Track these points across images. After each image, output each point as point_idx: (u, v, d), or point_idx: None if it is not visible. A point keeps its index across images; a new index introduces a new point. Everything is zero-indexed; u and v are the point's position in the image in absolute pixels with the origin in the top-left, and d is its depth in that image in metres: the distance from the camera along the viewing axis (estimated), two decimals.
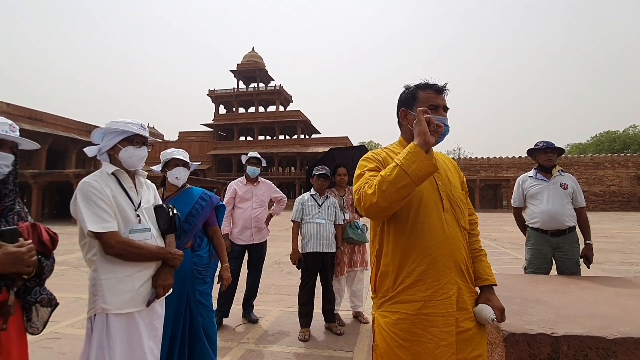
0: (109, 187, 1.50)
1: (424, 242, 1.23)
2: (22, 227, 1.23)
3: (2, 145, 1.23)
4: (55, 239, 1.35)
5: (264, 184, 3.88)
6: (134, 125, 1.57)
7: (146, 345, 1.50)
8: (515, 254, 8.09)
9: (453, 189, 1.35)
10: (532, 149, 3.13)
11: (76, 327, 3.47)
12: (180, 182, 2.33)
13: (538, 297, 2.03)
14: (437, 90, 1.33)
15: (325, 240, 3.26)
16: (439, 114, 1.31)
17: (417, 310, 1.20)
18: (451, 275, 1.24)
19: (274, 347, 3.00)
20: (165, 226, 1.65)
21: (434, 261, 1.22)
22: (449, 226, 1.27)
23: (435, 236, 1.24)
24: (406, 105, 1.38)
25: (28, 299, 1.25)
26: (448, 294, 1.22)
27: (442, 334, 1.18)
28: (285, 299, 4.46)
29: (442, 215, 1.27)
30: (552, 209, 2.93)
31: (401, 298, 1.23)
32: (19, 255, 1.12)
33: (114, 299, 1.43)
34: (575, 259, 2.93)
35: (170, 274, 1.59)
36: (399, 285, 1.24)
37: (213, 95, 45.25)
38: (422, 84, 1.35)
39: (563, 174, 3.07)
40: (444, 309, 1.20)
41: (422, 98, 1.33)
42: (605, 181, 35.11)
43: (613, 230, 13.97)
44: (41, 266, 1.25)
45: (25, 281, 1.22)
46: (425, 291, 1.21)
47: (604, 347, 1.44)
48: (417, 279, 1.22)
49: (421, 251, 1.23)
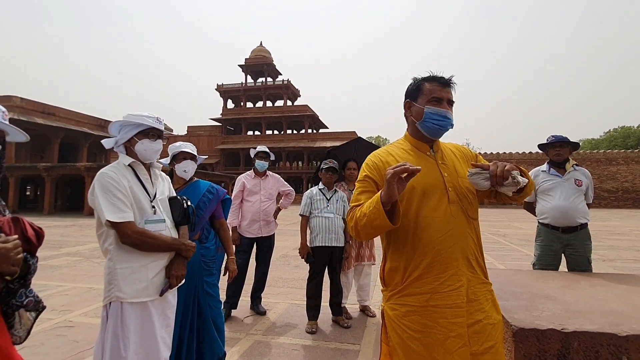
0: (126, 178, 1.53)
1: (429, 236, 1.24)
2: (3, 221, 1.06)
3: None
4: (41, 234, 1.17)
5: (272, 177, 3.90)
6: (150, 118, 1.59)
7: (159, 334, 1.53)
8: (524, 251, 8.01)
9: (460, 179, 1.33)
10: (543, 144, 3.07)
11: (89, 316, 3.56)
12: (189, 175, 2.36)
13: (548, 292, 2.02)
14: (442, 83, 1.32)
15: (333, 234, 3.27)
16: (442, 106, 1.31)
17: (425, 302, 1.22)
18: (458, 267, 1.23)
19: (281, 338, 3.04)
20: (180, 217, 1.68)
21: (439, 253, 1.23)
22: (455, 218, 1.26)
23: (440, 229, 1.24)
24: (411, 97, 1.38)
25: (12, 303, 1.05)
26: (455, 286, 1.22)
27: (450, 324, 1.19)
28: (293, 292, 4.50)
29: (447, 207, 1.27)
30: (564, 205, 2.88)
31: (409, 291, 1.25)
32: (4, 252, 0.93)
33: (128, 288, 1.47)
34: (587, 256, 2.89)
35: (183, 264, 1.62)
36: (407, 279, 1.26)
37: (221, 89, 45.36)
38: (428, 76, 1.35)
39: (577, 169, 3.00)
40: (451, 300, 1.20)
41: (427, 90, 1.33)
42: (619, 178, 34.34)
43: (626, 228, 13.71)
44: (27, 265, 1.07)
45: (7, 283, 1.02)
46: (432, 283, 1.22)
47: (616, 344, 1.42)
48: (423, 271, 1.23)
49: (426, 244, 1.24)
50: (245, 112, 44.64)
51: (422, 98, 1.34)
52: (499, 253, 7.67)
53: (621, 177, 34.38)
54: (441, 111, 1.30)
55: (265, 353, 2.76)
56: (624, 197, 33.79)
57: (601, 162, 34.81)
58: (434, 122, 1.31)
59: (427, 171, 1.29)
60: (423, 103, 1.33)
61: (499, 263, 6.59)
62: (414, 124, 1.38)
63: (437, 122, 1.31)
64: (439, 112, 1.30)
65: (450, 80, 1.34)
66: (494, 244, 9.04)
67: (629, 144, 48.87)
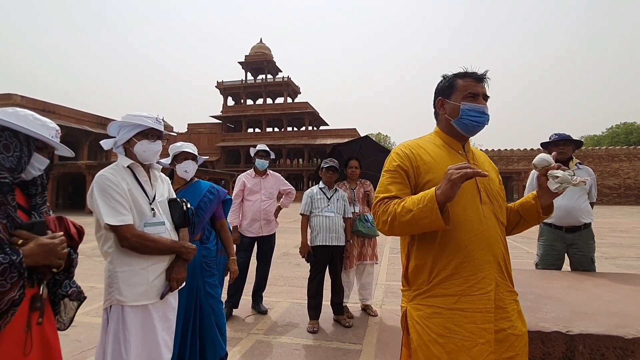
0: (125, 180, 1.51)
1: (460, 235, 1.18)
2: (49, 220, 1.22)
3: (43, 148, 1.22)
4: (82, 232, 1.35)
5: (272, 176, 3.88)
6: (149, 118, 1.57)
7: (160, 336, 1.52)
8: (527, 248, 7.99)
9: (491, 182, 1.31)
10: (546, 142, 3.04)
11: (91, 316, 3.56)
12: (190, 176, 2.34)
13: (552, 293, 2.00)
14: (476, 79, 1.29)
15: (334, 233, 3.26)
16: (478, 102, 1.28)
17: (452, 304, 1.16)
18: (489, 270, 1.18)
19: (283, 338, 3.03)
20: (179, 220, 1.66)
21: (470, 254, 1.17)
22: (487, 219, 1.22)
23: (472, 229, 1.19)
24: (444, 94, 1.34)
25: (59, 293, 1.23)
26: (486, 290, 1.16)
27: (479, 330, 1.13)
28: (294, 291, 4.50)
29: (479, 207, 1.23)
30: (567, 205, 2.85)
31: (436, 292, 1.19)
32: (52, 246, 1.10)
33: (129, 291, 1.45)
34: (590, 255, 2.87)
35: (183, 267, 1.61)
36: (434, 279, 1.20)
37: (221, 87, 45.29)
38: (460, 72, 1.32)
39: (581, 167, 2.98)
40: (481, 304, 1.15)
41: (461, 86, 1.29)
42: (621, 174, 34.24)
43: (628, 225, 13.67)
44: (70, 259, 1.24)
45: (54, 275, 1.21)
46: (461, 285, 1.16)
47: (622, 346, 1.40)
48: (453, 272, 1.17)
49: (457, 244, 1.18)
50: (245, 110, 44.58)
51: (457, 95, 1.30)
52: None
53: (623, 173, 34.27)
54: (479, 107, 1.27)
55: (266, 353, 2.75)
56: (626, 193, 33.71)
57: (603, 158, 34.70)
58: (471, 118, 1.27)
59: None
60: (458, 100, 1.29)
61: None
62: (448, 121, 1.33)
63: (475, 118, 1.27)
64: (476, 108, 1.27)
65: (484, 75, 1.30)
66: None
67: (631, 140, 48.63)
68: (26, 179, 1.19)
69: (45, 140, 1.20)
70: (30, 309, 1.12)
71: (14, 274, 1.01)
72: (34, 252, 1.07)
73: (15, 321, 1.07)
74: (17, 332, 1.09)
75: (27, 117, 1.18)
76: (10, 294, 1.01)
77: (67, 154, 1.33)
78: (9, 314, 1.03)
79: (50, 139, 1.21)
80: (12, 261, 1.00)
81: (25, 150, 1.15)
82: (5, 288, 1.00)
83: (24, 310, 1.10)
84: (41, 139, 1.19)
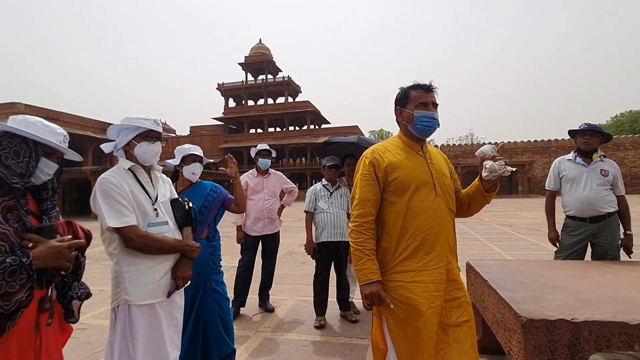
0: (127, 182, 1.53)
1: (418, 222, 1.46)
2: (59, 224, 1.26)
3: (51, 154, 1.25)
4: (90, 236, 1.38)
5: (274, 175, 3.90)
6: (148, 120, 1.59)
7: (166, 334, 1.55)
8: (532, 240, 7.95)
9: (444, 177, 1.58)
10: (574, 130, 3.03)
11: (100, 318, 3.61)
12: (196, 178, 2.37)
13: (557, 282, 2.00)
14: (425, 89, 1.54)
15: (339, 229, 3.27)
16: (428, 109, 1.53)
17: (411, 278, 1.45)
18: (441, 250, 1.48)
19: (290, 335, 3.05)
20: (182, 219, 1.68)
21: (426, 238, 1.46)
22: (440, 209, 1.50)
23: (428, 217, 1.47)
24: (401, 104, 1.60)
25: (69, 294, 1.27)
26: (438, 265, 1.46)
27: (432, 297, 1.43)
28: (300, 289, 4.52)
29: (434, 199, 1.50)
30: (588, 196, 2.83)
31: (398, 269, 1.48)
32: (61, 250, 1.13)
33: (135, 290, 1.47)
34: (616, 243, 2.84)
35: (189, 265, 1.63)
36: (396, 258, 1.48)
37: (222, 88, 45.36)
38: (413, 85, 1.57)
39: (605, 160, 2.95)
40: (434, 277, 1.45)
41: (414, 97, 1.55)
42: (627, 163, 33.88)
43: (636, 214, 13.52)
44: (78, 262, 1.27)
45: (62, 277, 1.23)
46: (418, 262, 1.46)
47: (627, 332, 1.40)
48: (412, 252, 1.46)
49: (416, 230, 1.46)
50: (246, 111, 44.62)
51: (411, 104, 1.55)
52: (506, 243, 7.63)
53: (629, 162, 33.93)
54: (428, 114, 1.52)
55: (274, 350, 2.78)
56: (633, 182, 33.36)
57: (608, 147, 34.31)
58: (423, 123, 1.52)
59: (419, 168, 1.53)
60: (412, 108, 1.54)
61: (506, 253, 6.55)
62: (406, 127, 1.59)
63: (427, 123, 1.52)
64: (427, 115, 1.52)
65: (431, 85, 1.55)
66: (501, 234, 8.98)
67: (636, 128, 48.05)
68: (36, 183, 1.22)
69: (52, 145, 1.24)
70: (38, 310, 1.15)
71: (23, 275, 1.04)
72: (44, 255, 1.10)
73: (23, 321, 1.09)
74: (26, 333, 1.12)
75: (35, 123, 1.22)
76: (19, 295, 1.04)
77: (75, 159, 1.37)
78: (17, 314, 1.06)
79: (57, 144, 1.25)
80: (22, 263, 1.04)
81: (33, 155, 1.18)
82: (14, 289, 1.02)
83: (32, 311, 1.13)
84: (49, 145, 1.23)
